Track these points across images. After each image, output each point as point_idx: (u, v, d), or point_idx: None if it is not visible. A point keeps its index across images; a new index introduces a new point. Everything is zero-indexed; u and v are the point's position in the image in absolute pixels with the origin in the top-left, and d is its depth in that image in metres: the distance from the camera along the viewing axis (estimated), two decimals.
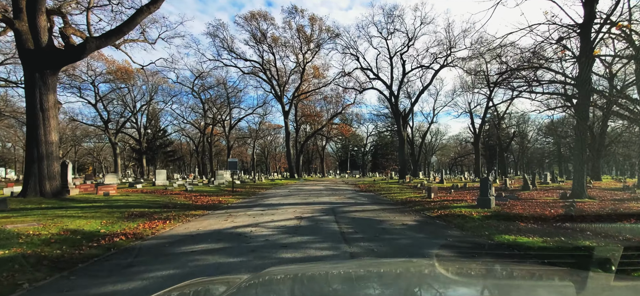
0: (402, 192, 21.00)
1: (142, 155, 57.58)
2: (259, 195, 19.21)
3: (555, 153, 79.84)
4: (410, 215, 10.66)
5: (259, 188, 24.46)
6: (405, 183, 29.86)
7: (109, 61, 45.47)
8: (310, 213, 10.78)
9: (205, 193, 19.07)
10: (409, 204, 13.90)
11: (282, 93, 44.91)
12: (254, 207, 12.80)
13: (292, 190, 23.00)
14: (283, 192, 20.66)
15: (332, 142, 78.41)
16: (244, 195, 18.63)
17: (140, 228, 8.20)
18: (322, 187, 25.81)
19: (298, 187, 26.15)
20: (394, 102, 38.04)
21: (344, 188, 25.54)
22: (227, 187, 25.21)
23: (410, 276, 1.68)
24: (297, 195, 18.02)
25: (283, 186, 28.63)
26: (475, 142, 45.41)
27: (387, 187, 25.16)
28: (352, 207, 12.90)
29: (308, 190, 22.17)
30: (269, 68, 44.81)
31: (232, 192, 20.10)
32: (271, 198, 16.68)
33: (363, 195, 18.80)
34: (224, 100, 51.57)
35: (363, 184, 31.16)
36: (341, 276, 1.76)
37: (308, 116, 52.47)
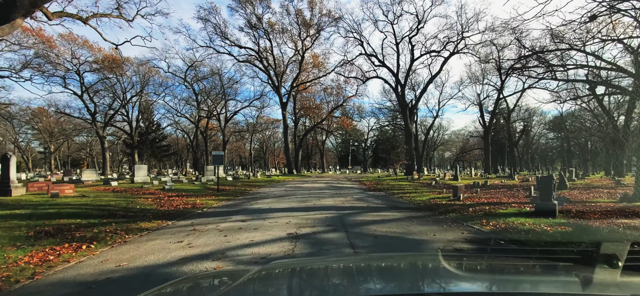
0: (417, 191, 17.64)
1: (134, 149, 54.17)
2: (249, 195, 15.83)
3: (559, 149, 76.71)
4: (453, 229, 7.27)
5: (251, 186, 21.09)
6: (415, 181, 26.54)
7: (94, 48, 41.92)
8: (311, 226, 7.40)
9: (184, 193, 15.69)
10: (437, 209, 10.51)
11: (279, 84, 41.41)
12: (235, 215, 9.41)
13: (289, 188, 19.63)
14: (278, 191, 17.28)
15: (332, 137, 75.01)
16: (230, 196, 15.25)
17: (21, 262, 4.82)
18: (324, 185, 22.48)
19: (296, 185, 22.80)
20: (400, 92, 34.56)
21: (348, 186, 22.21)
22: (216, 184, 21.85)
23: (414, 271, 1.65)
24: (294, 196, 14.64)
25: (279, 183, 25.26)
26: (485, 136, 42.04)
27: (398, 185, 21.81)
28: (365, 215, 9.51)
29: (307, 189, 18.82)
30: (265, 56, 41.29)
31: (217, 190, 16.71)
32: (261, 200, 13.30)
33: (373, 196, 15.43)
34: (219, 92, 48.05)
35: (368, 181, 27.80)
36: (344, 270, 1.74)
37: (307, 109, 48.99)
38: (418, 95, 36.49)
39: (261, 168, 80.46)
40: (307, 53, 42.27)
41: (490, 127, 42.43)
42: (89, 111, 44.11)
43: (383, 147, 73.72)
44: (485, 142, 41.91)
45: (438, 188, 18.80)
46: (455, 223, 7.95)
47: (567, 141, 58.49)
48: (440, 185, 21.81)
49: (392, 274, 1.60)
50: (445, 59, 34.54)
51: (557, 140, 74.93)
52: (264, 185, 22.94)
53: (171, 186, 17.62)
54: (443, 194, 15.27)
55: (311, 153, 72.76)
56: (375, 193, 16.57)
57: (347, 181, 28.84)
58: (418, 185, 22.15)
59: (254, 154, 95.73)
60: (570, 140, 57.12)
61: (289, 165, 42.86)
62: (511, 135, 46.00)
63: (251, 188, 19.55)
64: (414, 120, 36.69)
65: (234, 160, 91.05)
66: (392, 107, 55.69)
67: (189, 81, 45.77)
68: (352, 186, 21.88)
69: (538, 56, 27.82)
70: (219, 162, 16.25)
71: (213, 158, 16.42)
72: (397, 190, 18.31)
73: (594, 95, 34.58)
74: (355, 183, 24.89)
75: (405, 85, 34.45)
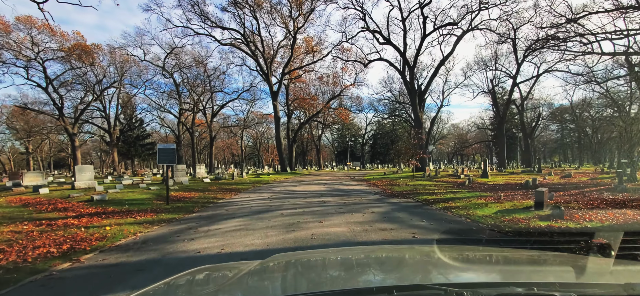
0: (457, 193, 12.01)
1: (112, 148, 48.03)
2: (210, 209, 10.02)
3: (560, 141, 71.79)
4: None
5: (228, 192, 15.27)
6: (433, 178, 20.96)
7: (56, 33, 35.66)
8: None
9: (110, 210, 9.89)
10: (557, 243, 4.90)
11: (269, 71, 35.49)
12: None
13: (277, 194, 13.89)
14: (258, 202, 11.53)
15: (328, 133, 69.23)
16: (178, 213, 9.41)
17: None
18: (323, 187, 16.78)
19: (287, 188, 17.07)
20: (409, 76, 28.87)
21: (355, 188, 16.52)
22: (181, 189, 16.02)
23: (413, 262, 1.64)
24: (279, 213, 8.90)
25: (268, 185, 19.52)
26: (500, 126, 36.61)
27: (420, 186, 16.13)
28: None
29: (301, 195, 13.10)
30: (252, 40, 35.30)
31: (167, 202, 10.87)
32: (221, 223, 7.57)
33: (404, 208, 9.72)
34: (202, 81, 41.98)
35: (376, 180, 22.14)
36: (343, 262, 1.71)
37: (301, 100, 43.12)
38: (429, 79, 30.86)
39: (255, 165, 74.53)
40: (300, 36, 36.39)
41: (505, 116, 36.99)
42: (56, 105, 37.91)
43: (381, 142, 68.19)
44: (500, 133, 36.49)
45: (481, 191, 13.21)
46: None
47: (578, 131, 53.42)
48: (476, 184, 16.23)
49: (392, 265, 1.58)
50: (459, 37, 28.93)
51: (558, 132, 70.06)
52: (246, 188, 17.15)
53: (102, 198, 11.76)
54: (512, 203, 9.62)
55: (307, 149, 66.98)
56: (403, 202, 10.87)
57: (350, 180, 23.17)
58: (444, 184, 16.55)
59: (247, 151, 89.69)
60: (580, 129, 52.07)
61: (282, 162, 37.05)
62: (525, 126, 40.61)
63: (225, 196, 13.76)
64: (422, 108, 31.04)
65: (226, 158, 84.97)
66: (392, 97, 50.11)
67: (168, 70, 39.64)
68: (361, 188, 16.19)
69: (572, 22, 22.41)
70: (169, 160, 10.49)
71: (159, 153, 10.60)
72: (427, 194, 12.65)
73: (631, 72, 29.33)
74: (362, 184, 19.24)
75: (415, 67, 28.78)
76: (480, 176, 20.15)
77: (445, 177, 22.11)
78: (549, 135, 67.98)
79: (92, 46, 39.57)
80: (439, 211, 9.00)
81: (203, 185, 18.73)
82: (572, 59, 31.86)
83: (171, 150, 10.71)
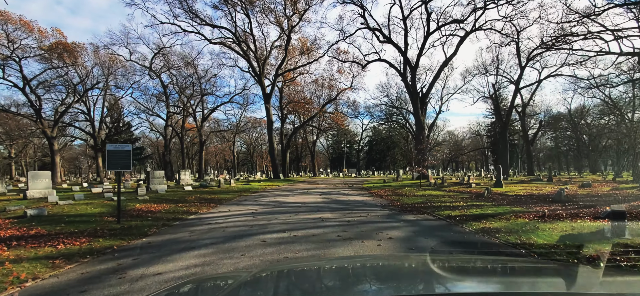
0: (482, 208, 9.57)
1: (97, 152, 44.96)
2: (159, 238, 7.19)
3: (553, 149, 70.17)
4: None
5: (203, 205, 12.63)
6: (440, 187, 18.58)
7: (34, 29, 32.92)
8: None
9: (35, 232, 7.25)
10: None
11: (261, 72, 33.03)
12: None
13: (262, 208, 11.34)
14: (234, 220, 8.98)
15: (323, 139, 66.79)
16: (118, 237, 6.74)
17: None
18: (320, 197, 14.26)
19: (278, 199, 14.53)
20: (410, 77, 26.60)
21: (357, 198, 14.03)
22: (151, 200, 13.37)
23: (408, 272, 1.58)
24: (257, 241, 6.35)
25: (256, 195, 16.95)
26: (503, 132, 34.51)
27: (433, 196, 13.69)
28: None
29: (293, 209, 10.58)
30: (245, 39, 32.89)
31: (118, 221, 8.25)
32: (159, 264, 5.01)
33: (431, 231, 7.25)
34: (191, 83, 39.36)
35: (377, 189, 19.70)
36: (337, 272, 1.64)
37: (296, 104, 40.66)
38: (431, 80, 28.61)
39: (249, 172, 71.67)
40: (295, 36, 34.09)
41: (508, 121, 34.92)
42: (33, 106, 35.00)
43: (377, 148, 65.92)
44: (503, 140, 34.36)
45: (508, 204, 10.85)
46: None
47: (576, 139, 51.69)
48: (495, 194, 13.86)
49: (386, 276, 1.53)
50: (462, 37, 26.81)
51: (552, 140, 68.50)
52: (230, 199, 14.55)
53: (41, 211, 9.11)
54: (568, 224, 7.23)
55: (301, 155, 64.38)
56: (422, 221, 8.39)
57: (348, 188, 20.68)
58: (458, 195, 14.17)
59: (241, 157, 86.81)
60: (579, 137, 50.35)
61: (275, 168, 34.41)
62: (526, 132, 38.56)
63: (201, 209, 11.15)
64: (424, 112, 28.78)
65: (218, 164, 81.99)
66: (389, 102, 47.94)
67: (155, 71, 36.97)
68: (363, 199, 13.69)
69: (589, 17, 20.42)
70: (123, 165, 7.91)
71: (108, 156, 8.00)
72: (446, 208, 10.21)
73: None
74: (363, 193, 16.76)
75: (417, 68, 26.50)
76: (493, 185, 17.80)
77: (454, 185, 19.76)
78: (543, 142, 66.35)
79: (73, 45, 36.82)
80: (477, 235, 6.54)
81: (182, 194, 16.08)
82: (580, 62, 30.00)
83: (125, 153, 8.13)
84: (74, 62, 37.35)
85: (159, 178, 18.16)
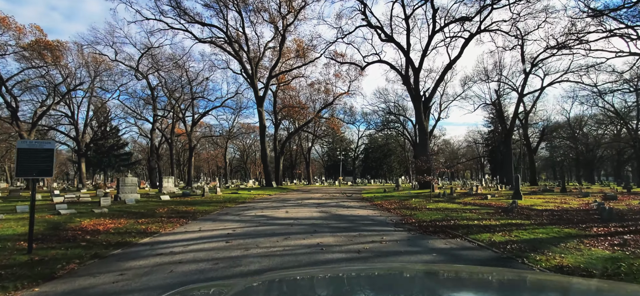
0: (525, 229, 7.18)
1: (80, 157, 41.99)
2: (64, 286, 4.86)
3: (549, 159, 68.55)
4: None
5: (170, 221, 10.02)
6: (452, 197, 16.25)
7: (11, 25, 30.28)
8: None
9: None
10: None
11: (254, 73, 30.65)
12: None
13: (243, 227, 8.85)
14: (198, 250, 6.44)
15: (317, 146, 64.33)
16: (4, 279, 4.31)
17: None
18: (316, 210, 11.77)
19: (265, 212, 12.02)
20: (412, 80, 24.42)
21: (358, 210, 11.57)
22: (109, 213, 10.79)
23: (404, 282, 1.52)
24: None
25: (240, 206, 14.43)
26: (507, 140, 32.48)
27: (450, 210, 11.28)
28: None
29: (282, 228, 8.09)
30: (237, 39, 30.56)
31: (30, 245, 5.67)
32: None
33: None
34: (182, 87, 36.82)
35: (379, 199, 17.26)
36: (333, 281, 1.61)
37: (290, 108, 38.27)
38: (434, 83, 26.38)
39: (242, 179, 68.78)
40: (290, 36, 31.88)
41: (512, 129, 32.92)
42: (9, 107, 32.15)
43: (374, 156, 63.61)
44: (507, 148, 32.32)
45: (550, 223, 8.54)
46: None
47: (575, 149, 49.99)
48: (522, 209, 11.52)
49: (380, 284, 1.47)
50: (467, 39, 24.75)
51: (547, 150, 66.92)
52: (208, 212, 12.00)
53: None
54: None
55: (295, 162, 61.86)
56: (459, 250, 5.97)
57: (347, 199, 18.22)
58: (477, 208, 11.83)
59: (234, 164, 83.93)
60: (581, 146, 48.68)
61: (267, 175, 31.84)
62: (529, 141, 36.58)
63: (164, 227, 8.58)
64: (427, 117, 26.58)
65: (210, 170, 79.03)
66: (386, 109, 45.79)
67: (142, 72, 34.39)
68: (368, 213, 11.22)
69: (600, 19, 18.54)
70: (41, 170, 5.47)
71: (17, 157, 5.51)
72: (478, 228, 7.82)
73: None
74: (365, 204, 14.33)
75: (421, 69, 24.29)
76: (511, 197, 15.50)
77: (465, 196, 17.44)
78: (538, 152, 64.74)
79: (56, 43, 34.16)
80: (558, 279, 4.14)
81: (154, 205, 13.48)
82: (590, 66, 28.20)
83: (43, 154, 5.63)
84: (55, 62, 34.70)
85: (130, 186, 15.55)
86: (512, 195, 15.60)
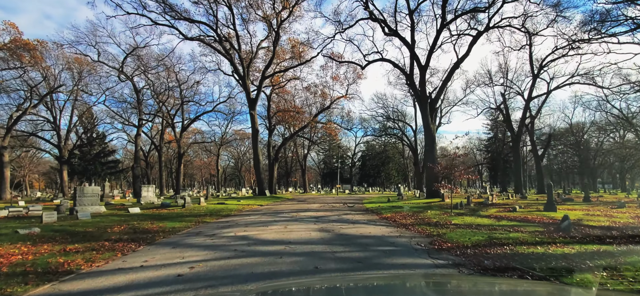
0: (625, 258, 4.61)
1: (62, 165, 38.89)
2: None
3: (547, 167, 66.51)
4: None
5: (111, 249, 7.30)
6: (472, 209, 13.66)
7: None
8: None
9: None
10: None
11: (246, 73, 28.07)
12: None
13: (206, 259, 6.12)
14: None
15: (314, 153, 61.61)
16: None
17: None
18: (314, 227, 9.05)
19: (247, 231, 9.27)
20: (418, 79, 21.97)
21: (368, 227, 8.86)
22: (41, 236, 8.00)
23: (403, 290, 1.48)
24: None
25: (222, 221, 11.66)
26: (515, 145, 30.14)
27: (482, 226, 8.65)
28: None
29: (264, 261, 5.38)
30: (228, 38, 28.03)
31: None
32: None
33: None
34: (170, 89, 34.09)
35: (387, 211, 14.58)
36: (338, 290, 1.56)
37: (285, 113, 35.67)
38: (441, 83, 23.98)
39: (237, 187, 65.71)
40: (285, 35, 29.45)
41: (521, 133, 30.61)
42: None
43: (371, 164, 61.07)
44: (516, 153, 29.95)
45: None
46: None
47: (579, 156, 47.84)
48: (580, 226, 8.93)
49: (382, 294, 1.45)
50: (475, 37, 22.45)
51: (546, 158, 64.89)
52: (175, 231, 9.23)
53: None
54: None
55: (291, 170, 59.04)
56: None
57: (348, 209, 15.52)
58: (517, 225, 9.24)
59: (228, 171, 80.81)
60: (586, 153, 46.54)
61: (260, 183, 29.04)
62: (536, 147, 34.23)
63: (93, 262, 5.82)
64: (434, 119, 24.14)
65: (203, 178, 75.84)
66: (385, 114, 43.40)
67: (126, 73, 31.65)
68: (382, 232, 8.51)
69: None
70: None
71: None
72: (549, 257, 5.21)
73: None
74: (373, 218, 11.66)
75: (427, 67, 21.85)
76: (543, 209, 12.94)
77: (487, 208, 14.88)
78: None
79: (35, 43, 31.35)
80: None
81: (110, 222, 10.66)
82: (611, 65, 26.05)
83: None
84: (34, 63, 31.87)
85: (90, 196, 12.71)
86: (544, 206, 13.03)
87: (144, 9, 24.58)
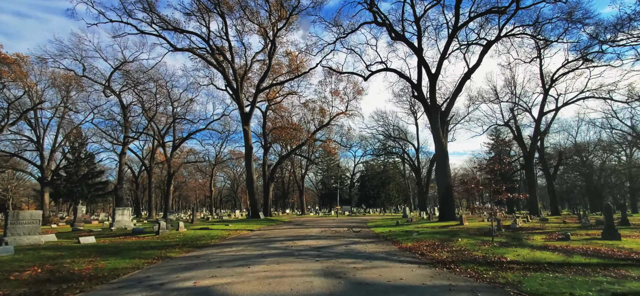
0: None
1: (44, 186, 35.56)
2: None
3: (546, 188, 63.77)
4: None
5: None
6: (513, 237, 10.75)
7: None
8: None
9: None
10: None
11: (239, 86, 25.55)
12: None
13: None
14: None
15: (311, 173, 58.58)
16: None
17: None
18: (314, 265, 6.13)
19: (214, 282, 6.28)
20: (428, 89, 19.55)
21: (392, 267, 5.93)
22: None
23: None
24: None
25: (192, 255, 8.64)
26: (528, 163, 27.48)
27: (554, 268, 5.81)
28: None
29: None
30: (221, 50, 25.72)
31: None
32: None
33: None
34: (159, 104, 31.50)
35: (401, 239, 11.54)
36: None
37: (281, 130, 33.00)
38: (451, 94, 21.46)
39: (232, 209, 62.07)
40: (281, 48, 27.21)
41: (533, 150, 28.00)
42: None
43: (371, 184, 57.96)
44: (529, 173, 27.25)
45: None
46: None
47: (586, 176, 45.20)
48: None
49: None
50: (485, 46, 20.20)
51: (543, 178, 62.24)
52: (118, 272, 6.24)
53: None
54: None
55: (288, 191, 55.80)
56: None
57: (354, 236, 12.50)
58: (592, 264, 6.38)
59: (224, 193, 77.25)
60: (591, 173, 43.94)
61: (253, 205, 25.91)
62: (547, 166, 31.53)
63: None
64: (446, 133, 21.51)
65: (198, 199, 72.17)
66: (385, 131, 40.85)
67: (112, 89, 29.07)
68: (417, 277, 5.61)
69: None
70: None
71: None
72: None
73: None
74: (392, 249, 8.70)
75: (438, 75, 19.38)
76: (601, 237, 10.06)
77: (529, 233, 11.98)
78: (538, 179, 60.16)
79: (16, 57, 28.90)
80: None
81: (32, 259, 7.61)
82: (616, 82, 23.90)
83: None
84: (15, 78, 29.29)
85: (28, 223, 9.66)
86: (603, 233, 10.14)
87: (128, 17, 22.25)
